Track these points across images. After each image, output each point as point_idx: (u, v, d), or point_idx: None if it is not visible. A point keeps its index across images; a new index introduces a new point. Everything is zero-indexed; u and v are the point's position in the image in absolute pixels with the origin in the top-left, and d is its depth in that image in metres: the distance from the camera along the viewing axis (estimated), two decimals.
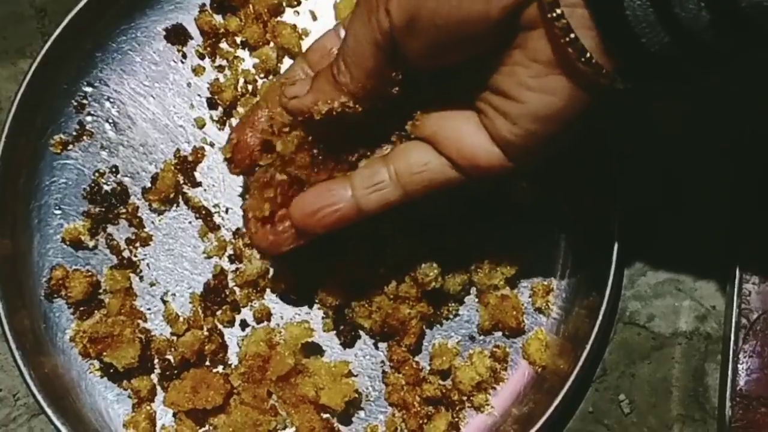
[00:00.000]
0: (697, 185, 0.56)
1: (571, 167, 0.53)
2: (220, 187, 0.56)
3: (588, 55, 0.37)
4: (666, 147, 0.56)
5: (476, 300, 0.55)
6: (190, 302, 0.55)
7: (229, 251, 0.56)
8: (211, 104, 0.57)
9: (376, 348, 0.55)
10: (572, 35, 0.37)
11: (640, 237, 0.55)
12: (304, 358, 0.53)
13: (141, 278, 0.55)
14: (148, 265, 0.56)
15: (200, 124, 0.57)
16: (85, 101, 0.57)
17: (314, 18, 0.58)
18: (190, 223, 0.56)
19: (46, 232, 0.56)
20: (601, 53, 0.37)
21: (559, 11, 0.36)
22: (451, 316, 0.54)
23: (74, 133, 0.57)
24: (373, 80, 0.43)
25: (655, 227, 0.56)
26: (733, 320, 0.52)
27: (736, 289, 0.52)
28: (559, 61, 0.38)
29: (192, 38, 0.58)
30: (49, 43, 0.55)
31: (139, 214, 0.56)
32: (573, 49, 0.37)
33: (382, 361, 0.54)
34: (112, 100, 0.57)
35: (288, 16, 0.58)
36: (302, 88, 0.45)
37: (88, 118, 0.57)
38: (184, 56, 0.58)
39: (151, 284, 0.55)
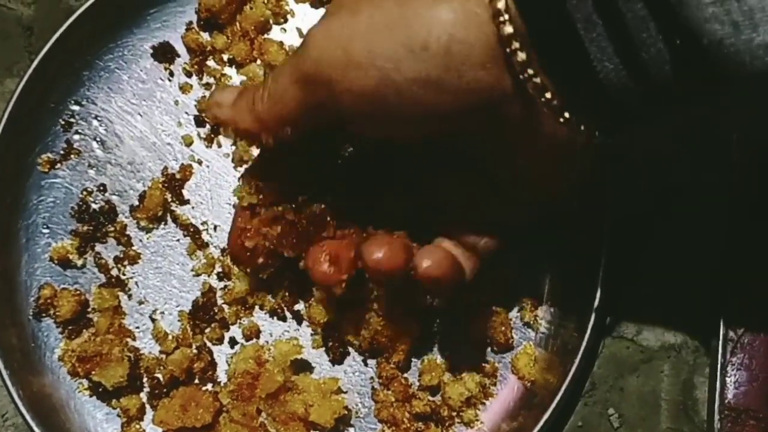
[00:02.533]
0: (687, 198, 0.56)
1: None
2: (208, 205, 0.56)
3: (566, 115, 0.37)
4: (657, 158, 0.56)
5: (465, 315, 0.55)
6: (178, 320, 0.55)
7: (218, 269, 0.55)
8: (199, 122, 0.57)
9: (366, 364, 0.54)
10: (547, 95, 0.37)
11: (628, 250, 0.55)
12: (293, 375, 0.53)
13: (129, 296, 0.55)
14: (136, 283, 0.56)
15: (188, 142, 0.57)
16: (72, 120, 0.57)
17: (301, 35, 0.58)
18: (178, 240, 0.56)
19: (33, 250, 0.56)
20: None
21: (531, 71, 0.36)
22: (440, 332, 0.54)
23: (62, 152, 0.57)
24: (286, 126, 0.43)
25: (644, 240, 0.56)
26: (721, 333, 0.52)
27: (724, 303, 0.53)
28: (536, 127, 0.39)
29: (179, 56, 0.58)
30: (36, 62, 0.55)
31: (127, 233, 0.56)
32: (548, 109, 0.37)
33: (372, 378, 0.54)
34: (99, 118, 0.57)
35: (275, 33, 0.58)
36: (229, 96, 0.45)
37: (76, 137, 0.57)
38: (172, 74, 0.58)
39: (140, 302, 0.55)
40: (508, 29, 0.35)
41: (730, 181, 0.54)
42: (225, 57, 0.58)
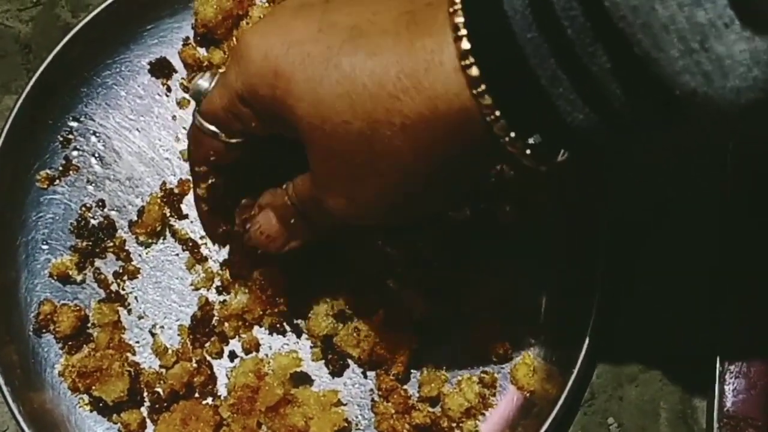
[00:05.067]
0: (685, 203, 0.56)
1: (557, 187, 0.54)
2: None
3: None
4: (652, 164, 0.56)
5: (464, 326, 0.55)
6: (178, 334, 0.55)
7: (217, 282, 0.56)
8: None
9: (365, 377, 0.55)
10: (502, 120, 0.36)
11: (626, 257, 0.55)
12: (293, 388, 0.53)
13: (129, 311, 0.56)
14: (136, 298, 0.56)
15: (186, 157, 0.57)
16: (70, 136, 0.57)
17: None
18: (177, 255, 0.56)
19: (33, 267, 0.56)
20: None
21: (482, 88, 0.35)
22: (439, 343, 0.55)
23: (60, 168, 0.57)
24: None
25: (642, 247, 0.56)
26: (719, 342, 0.52)
27: (722, 300, 0.53)
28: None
29: (176, 71, 0.58)
30: (34, 79, 0.55)
31: (126, 248, 0.56)
32: (512, 147, 0.37)
33: (371, 390, 0.54)
34: (97, 134, 0.57)
35: None
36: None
37: (74, 153, 0.57)
38: (169, 89, 0.58)
39: (140, 317, 0.56)
40: (474, 72, 0.35)
41: (727, 179, 0.54)
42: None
